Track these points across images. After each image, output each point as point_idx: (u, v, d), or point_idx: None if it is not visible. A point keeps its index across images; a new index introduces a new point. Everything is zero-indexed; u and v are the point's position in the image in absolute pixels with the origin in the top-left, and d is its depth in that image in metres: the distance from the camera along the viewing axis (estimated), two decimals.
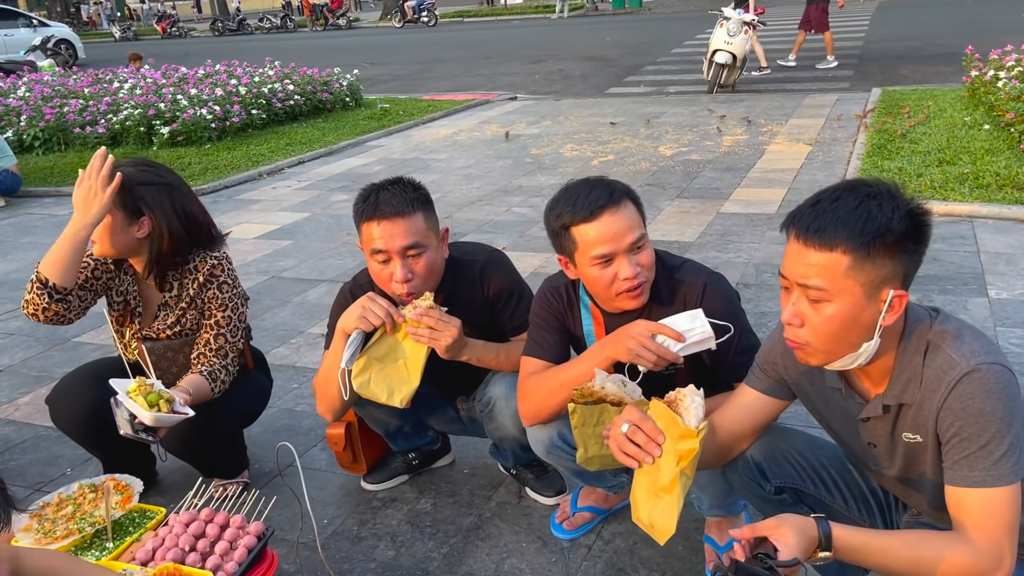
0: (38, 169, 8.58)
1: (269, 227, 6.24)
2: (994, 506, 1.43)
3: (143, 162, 2.47)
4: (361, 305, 2.15)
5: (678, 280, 2.05)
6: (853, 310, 1.45)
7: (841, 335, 1.48)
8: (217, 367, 2.50)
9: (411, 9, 30.57)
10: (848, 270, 1.42)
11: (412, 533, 2.54)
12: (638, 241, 1.93)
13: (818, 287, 1.45)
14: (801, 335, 1.51)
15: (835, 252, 1.42)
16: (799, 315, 1.50)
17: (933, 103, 8.44)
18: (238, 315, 2.56)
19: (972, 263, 4.39)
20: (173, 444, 2.50)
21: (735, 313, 2.03)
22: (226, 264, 2.56)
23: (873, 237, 1.41)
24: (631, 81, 12.84)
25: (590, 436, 1.91)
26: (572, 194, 1.96)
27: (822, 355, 1.53)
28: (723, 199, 6.04)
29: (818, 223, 1.44)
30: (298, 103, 10.74)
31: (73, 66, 17.65)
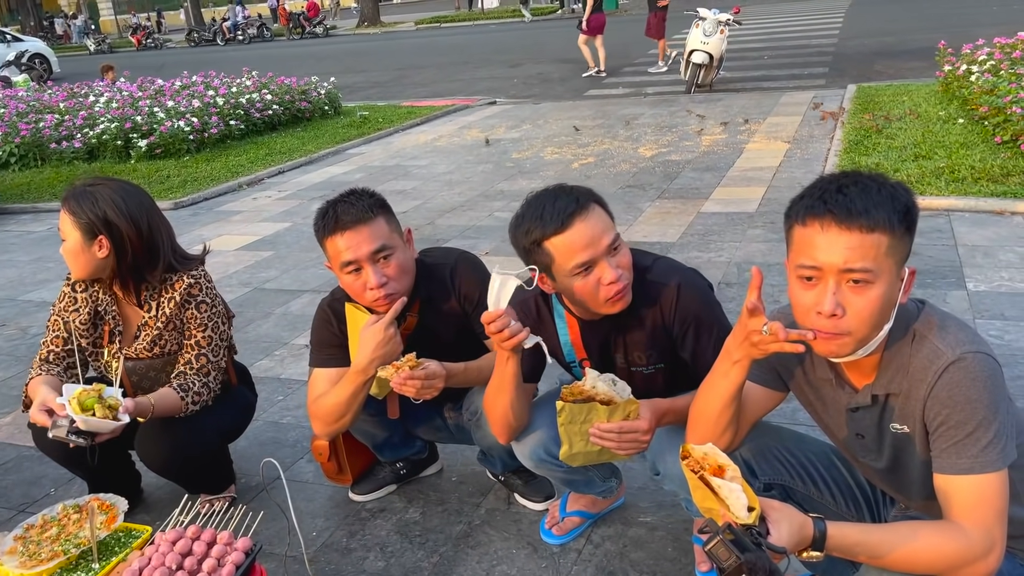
0: (14, 186, 8.50)
1: (250, 238, 6.21)
2: (983, 492, 1.46)
3: (100, 181, 2.42)
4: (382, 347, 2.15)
5: (651, 282, 2.02)
6: (890, 289, 1.47)
7: (880, 317, 1.48)
8: (193, 382, 2.46)
9: (227, 29, 31.97)
10: (888, 249, 1.44)
11: (402, 543, 2.53)
12: (614, 242, 1.91)
13: (865, 269, 1.43)
14: (843, 324, 1.47)
15: (876, 232, 1.42)
16: (841, 304, 1.45)
17: (908, 98, 8.52)
18: (219, 334, 2.53)
19: (950, 256, 4.43)
20: (153, 462, 2.49)
21: (712, 308, 2.04)
22: (204, 283, 2.51)
23: (903, 215, 1.44)
24: (610, 83, 12.88)
25: (576, 433, 1.90)
26: (537, 207, 1.91)
27: (859, 342, 1.50)
28: (703, 199, 6.07)
29: (859, 205, 1.43)
30: (276, 112, 10.69)
31: (48, 80, 17.54)
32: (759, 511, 1.43)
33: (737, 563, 1.35)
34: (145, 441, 2.46)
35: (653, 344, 2.06)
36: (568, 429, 1.92)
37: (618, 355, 2.10)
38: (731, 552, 1.36)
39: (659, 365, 2.09)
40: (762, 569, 1.35)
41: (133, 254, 2.41)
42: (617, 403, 1.88)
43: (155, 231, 2.43)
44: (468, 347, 2.36)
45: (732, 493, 1.43)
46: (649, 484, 2.69)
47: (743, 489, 1.43)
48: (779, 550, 1.40)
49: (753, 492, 1.44)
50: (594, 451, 1.95)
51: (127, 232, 2.38)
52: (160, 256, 2.45)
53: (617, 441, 1.87)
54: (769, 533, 1.42)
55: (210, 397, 2.50)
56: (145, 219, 2.41)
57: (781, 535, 1.42)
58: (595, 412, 1.88)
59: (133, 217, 2.38)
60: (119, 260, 2.41)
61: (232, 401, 2.66)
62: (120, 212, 2.37)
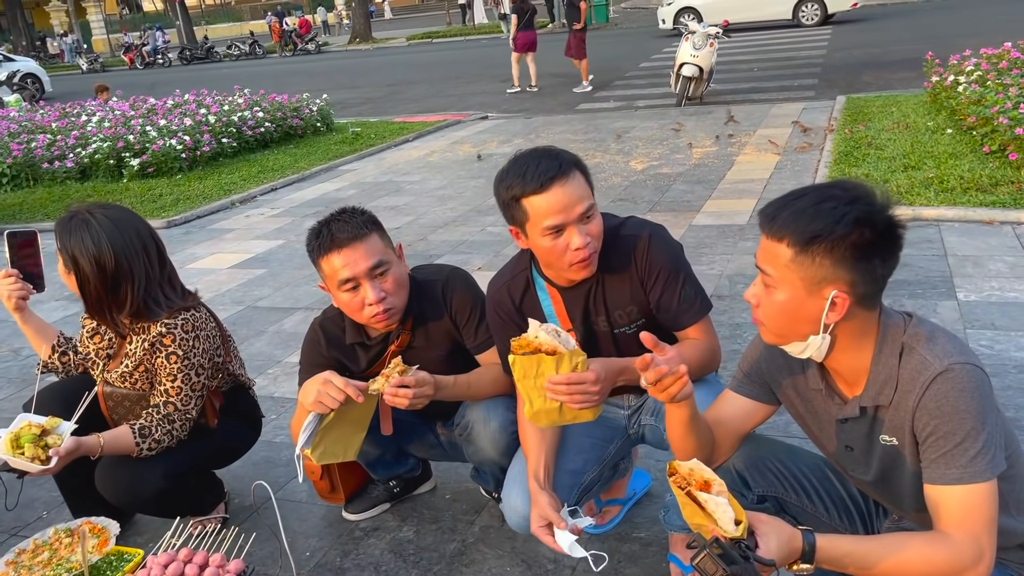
0: (7, 206, 8.48)
1: (243, 256, 6.21)
2: (972, 502, 1.47)
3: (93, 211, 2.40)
4: (317, 388, 2.06)
5: (623, 236, 2.11)
6: (793, 301, 1.53)
7: (786, 322, 1.57)
8: (155, 428, 2.41)
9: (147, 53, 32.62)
10: (789, 262, 1.51)
11: (395, 562, 2.52)
12: (588, 211, 1.97)
13: (766, 272, 1.56)
14: (757, 314, 1.62)
15: (782, 243, 1.51)
16: (755, 295, 1.61)
17: (897, 109, 8.58)
18: (190, 385, 2.45)
19: (940, 266, 4.45)
20: (109, 496, 2.46)
21: (678, 261, 2.12)
22: (180, 333, 2.42)
23: (813, 236, 1.48)
24: (600, 96, 12.94)
25: (532, 388, 1.90)
26: (521, 166, 1.98)
27: (774, 336, 1.63)
28: (694, 211, 6.10)
29: (775, 215, 1.53)
30: (268, 130, 10.72)
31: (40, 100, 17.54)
32: (746, 524, 1.44)
33: (723, 575, 1.36)
34: (99, 477, 2.44)
35: (632, 298, 2.11)
36: (524, 384, 1.91)
37: (600, 319, 2.14)
38: (718, 565, 1.37)
39: (640, 321, 2.14)
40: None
41: (96, 295, 2.38)
42: (562, 353, 1.87)
43: (123, 276, 2.36)
44: (460, 363, 2.36)
45: (719, 507, 1.44)
46: (644, 500, 2.69)
47: (729, 502, 1.44)
48: (768, 563, 1.41)
49: (740, 506, 1.45)
50: (554, 407, 1.93)
51: (89, 274, 2.34)
52: (126, 301, 2.39)
53: (568, 393, 1.86)
54: (758, 546, 1.43)
55: (172, 443, 2.45)
56: (114, 263, 2.34)
57: (770, 548, 1.43)
58: (544, 364, 1.88)
59: (99, 261, 2.33)
60: (83, 296, 2.40)
61: (200, 445, 2.57)
62: (86, 253, 2.32)
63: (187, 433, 2.50)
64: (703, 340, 2.12)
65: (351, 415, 2.17)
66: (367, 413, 2.22)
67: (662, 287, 2.09)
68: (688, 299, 2.10)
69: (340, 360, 2.39)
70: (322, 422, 2.11)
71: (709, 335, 2.15)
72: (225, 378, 2.67)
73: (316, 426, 2.11)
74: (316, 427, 2.11)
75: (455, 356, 2.38)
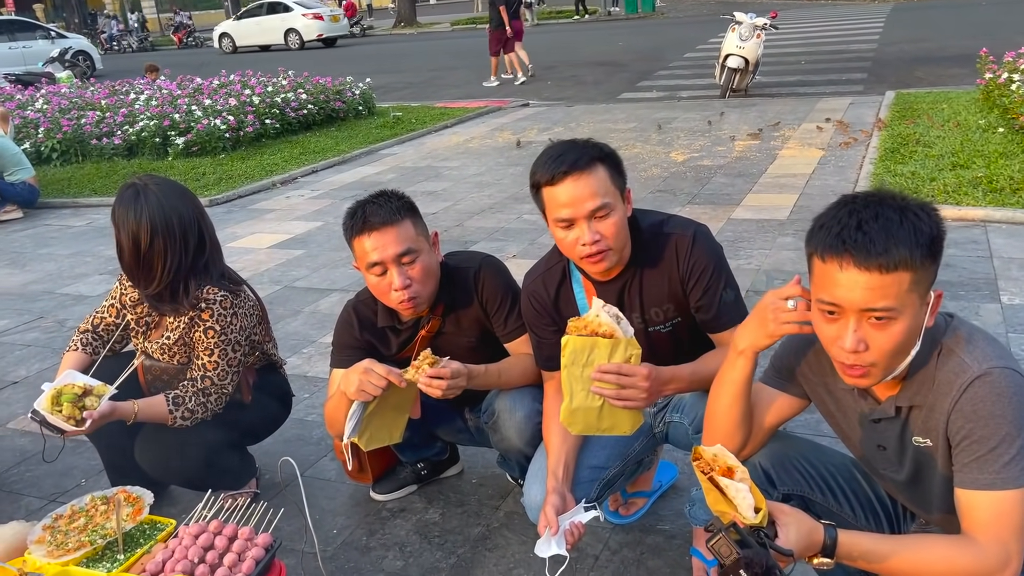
0: (55, 181, 8.69)
1: (282, 236, 6.28)
2: (1004, 508, 1.44)
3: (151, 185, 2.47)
4: (359, 377, 2.08)
5: (666, 234, 2.10)
6: (915, 321, 1.45)
7: (905, 348, 1.48)
8: (189, 399, 2.48)
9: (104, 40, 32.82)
10: (910, 286, 1.41)
11: (420, 543, 2.55)
12: (600, 209, 1.94)
13: (887, 308, 1.41)
14: (867, 358, 1.47)
15: (898, 271, 1.39)
16: (863, 340, 1.45)
17: (947, 106, 8.38)
18: (226, 360, 2.52)
19: (985, 268, 4.36)
20: (145, 467, 2.54)
21: (721, 263, 2.10)
22: (217, 310, 2.48)
23: (927, 248, 1.41)
24: (643, 86, 12.83)
25: (577, 380, 1.90)
26: (548, 155, 1.99)
27: (885, 371, 1.50)
28: (734, 205, 6.03)
29: (878, 246, 1.39)
30: (311, 112, 10.81)
31: (90, 78, 17.86)
32: (766, 512, 1.44)
33: (736, 558, 1.36)
34: (139, 446, 2.53)
35: (670, 296, 2.11)
36: (570, 373, 1.90)
37: (634, 315, 2.14)
38: (732, 549, 1.38)
39: (676, 320, 2.14)
40: (759, 564, 1.36)
41: (128, 266, 2.46)
42: (619, 339, 1.87)
43: (156, 256, 2.42)
44: (489, 350, 2.38)
45: (739, 493, 1.45)
46: (669, 492, 2.69)
47: (750, 490, 1.44)
48: (786, 552, 1.41)
49: (761, 494, 1.45)
50: (594, 408, 1.92)
51: (125, 246, 2.43)
52: (154, 280, 2.44)
53: (615, 384, 1.86)
54: (777, 536, 1.43)
55: (207, 415, 2.52)
56: (149, 242, 2.40)
57: (789, 538, 1.43)
58: (597, 351, 1.87)
59: (136, 237, 2.40)
60: (120, 261, 2.48)
61: (236, 419, 2.63)
62: (126, 226, 2.41)
63: (222, 407, 2.56)
64: None
65: (392, 400, 2.20)
66: (408, 398, 2.25)
67: (704, 287, 2.07)
68: (728, 302, 2.09)
69: (372, 343, 2.42)
70: (366, 410, 2.15)
71: None
72: (260, 356, 2.73)
73: (361, 414, 2.15)
74: (361, 415, 2.15)
75: (484, 343, 2.39)
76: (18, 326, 4.81)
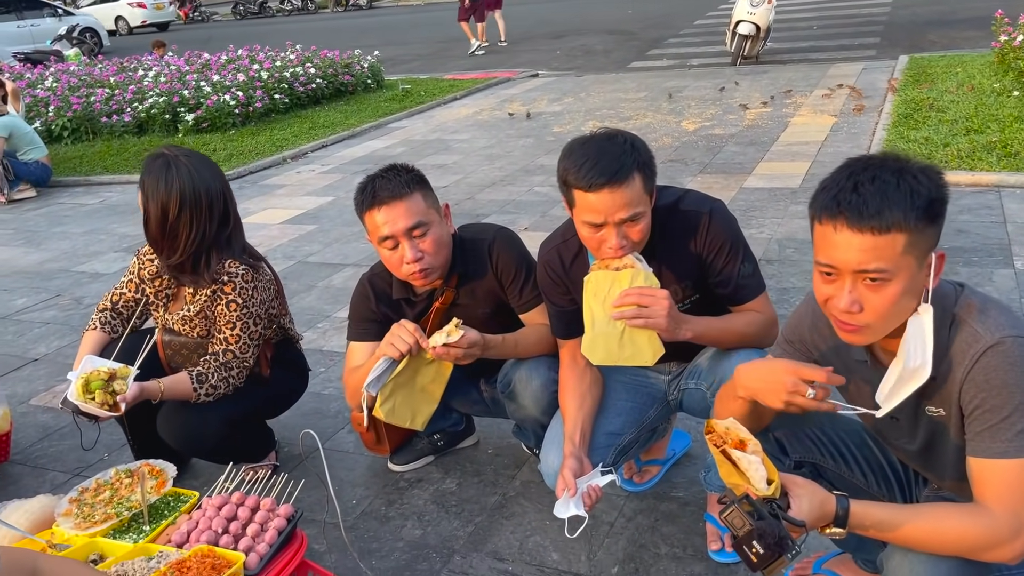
0: (67, 159, 8.72)
1: (294, 212, 6.31)
2: (1015, 477, 1.45)
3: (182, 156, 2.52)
4: (390, 331, 2.18)
5: (682, 211, 2.10)
6: (910, 283, 1.46)
7: (901, 309, 1.49)
8: (211, 374, 2.52)
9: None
10: (906, 247, 1.42)
11: (438, 512, 2.59)
12: (631, 218, 1.94)
13: (880, 269, 1.43)
14: (861, 319, 1.49)
15: (891, 233, 1.41)
16: (858, 301, 1.47)
17: (961, 69, 8.28)
18: (248, 334, 2.56)
19: (998, 234, 4.33)
20: (170, 441, 2.59)
21: (738, 236, 2.11)
22: (239, 283, 2.53)
23: (923, 211, 1.41)
24: (653, 55, 12.71)
25: (599, 308, 1.93)
26: (582, 156, 1.93)
27: (879, 333, 1.53)
28: (746, 174, 6.01)
29: (871, 207, 1.40)
30: (320, 86, 10.78)
31: (98, 55, 17.82)
32: (778, 483, 1.46)
33: (749, 529, 1.38)
34: (161, 421, 2.57)
35: (688, 273, 2.12)
36: (591, 304, 1.94)
37: None
38: (745, 520, 1.40)
39: (694, 297, 2.15)
40: (771, 535, 1.39)
41: (153, 235, 2.51)
42: (640, 270, 1.92)
43: (182, 227, 2.47)
44: (503, 321, 2.40)
45: (751, 465, 1.46)
46: (683, 460, 2.72)
47: (763, 462, 1.46)
48: (799, 523, 1.43)
49: (773, 466, 1.47)
50: (615, 335, 1.95)
51: (152, 215, 2.48)
52: (178, 250, 2.49)
53: (637, 303, 1.89)
54: (789, 507, 1.45)
55: (229, 389, 2.56)
56: (176, 213, 2.45)
57: (801, 509, 1.45)
58: (619, 282, 1.91)
59: (164, 207, 2.46)
60: (145, 230, 2.52)
61: (255, 392, 2.68)
62: (155, 195, 2.46)
63: (243, 381, 2.60)
64: (763, 314, 2.14)
65: (423, 381, 2.24)
66: (439, 386, 2.30)
67: (723, 262, 2.09)
68: (747, 274, 2.11)
69: (388, 315, 2.45)
70: (393, 371, 2.18)
71: (769, 308, 2.16)
72: (277, 330, 2.77)
73: (385, 370, 2.19)
74: (385, 371, 2.18)
75: (499, 314, 2.41)
76: (36, 304, 4.87)
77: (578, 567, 2.29)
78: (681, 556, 2.28)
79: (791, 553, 1.40)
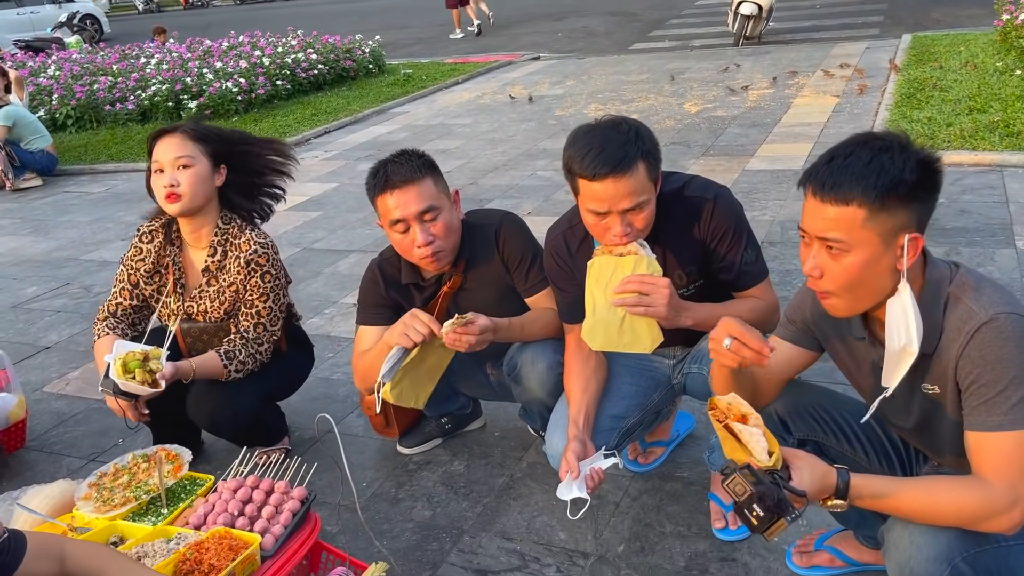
0: (72, 147, 8.75)
1: (298, 199, 6.33)
2: (1011, 449, 1.49)
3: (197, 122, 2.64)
4: (404, 322, 2.21)
5: (687, 197, 2.13)
6: (871, 258, 1.52)
7: (861, 283, 1.55)
8: (240, 351, 2.58)
9: None
10: (865, 222, 1.49)
11: (447, 494, 2.65)
12: (635, 207, 1.96)
13: (837, 239, 1.52)
14: (822, 285, 1.59)
15: (851, 206, 1.49)
16: (819, 267, 1.57)
17: (964, 48, 8.26)
18: (279, 305, 2.65)
19: (1000, 213, 4.35)
20: (200, 421, 2.66)
21: (742, 222, 2.14)
22: (271, 253, 2.63)
23: (887, 189, 1.47)
24: (655, 36, 12.67)
25: (601, 295, 1.97)
26: (586, 145, 1.94)
27: (847, 304, 1.60)
28: (748, 156, 6.02)
29: (833, 179, 1.50)
30: (322, 72, 10.78)
31: (99, 41, 17.80)
32: (779, 455, 1.51)
33: (750, 494, 1.43)
34: (192, 401, 2.62)
35: (692, 259, 2.16)
36: (594, 289, 1.98)
37: None
38: (746, 486, 1.45)
39: (698, 283, 2.19)
40: (771, 498, 1.43)
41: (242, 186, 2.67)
42: (643, 256, 1.95)
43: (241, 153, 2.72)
44: (510, 305, 2.44)
45: (753, 437, 1.52)
46: (687, 441, 2.76)
47: (764, 434, 1.51)
48: (799, 493, 1.47)
49: (774, 439, 1.52)
50: (615, 322, 1.98)
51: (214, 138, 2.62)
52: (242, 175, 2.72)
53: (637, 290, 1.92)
54: (791, 478, 1.50)
55: (256, 365, 2.63)
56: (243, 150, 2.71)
57: (803, 480, 1.50)
58: (621, 269, 1.95)
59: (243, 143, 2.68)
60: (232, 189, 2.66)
61: (278, 368, 2.76)
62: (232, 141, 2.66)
63: (270, 356, 2.67)
64: (766, 299, 2.18)
65: (428, 362, 2.28)
66: (440, 366, 2.34)
67: (726, 248, 2.12)
68: (751, 261, 2.14)
69: (397, 300, 2.49)
70: (405, 359, 2.23)
71: (771, 294, 2.20)
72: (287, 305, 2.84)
73: (398, 360, 2.23)
74: (398, 361, 2.23)
75: (506, 298, 2.45)
76: (46, 293, 4.92)
77: (585, 546, 2.34)
78: (686, 534, 2.33)
79: (790, 516, 1.44)
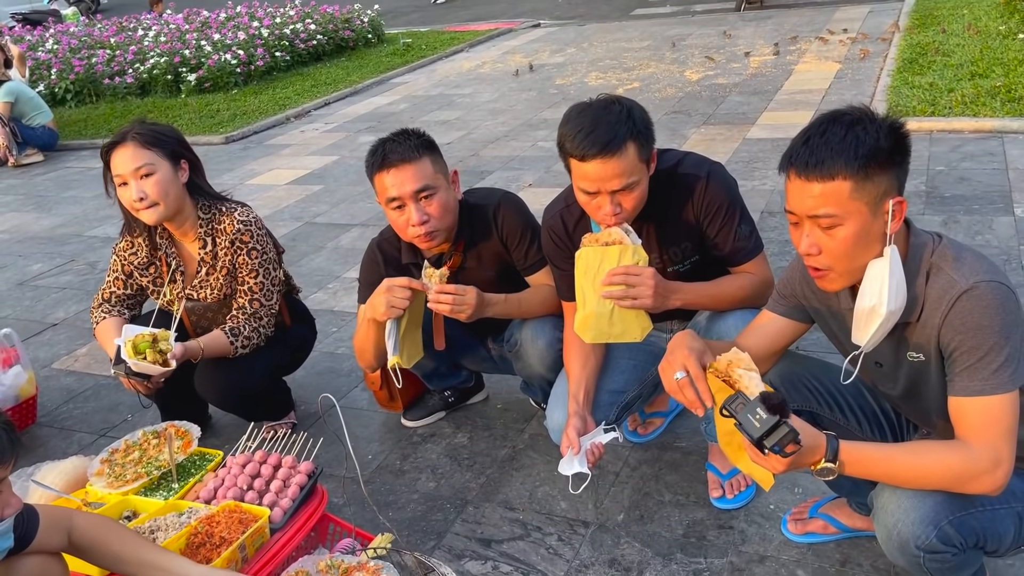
0: (72, 122, 8.74)
1: (300, 172, 6.35)
2: (993, 413, 1.54)
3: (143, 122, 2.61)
4: (385, 297, 2.20)
5: (681, 174, 2.16)
6: (863, 227, 1.57)
7: (857, 252, 1.60)
8: (244, 327, 2.62)
9: None
10: (852, 193, 1.54)
11: (451, 465, 2.70)
12: (624, 187, 1.98)
13: (828, 215, 1.56)
14: (821, 261, 1.62)
15: (836, 180, 1.54)
16: (815, 244, 1.61)
17: (968, 11, 8.18)
18: (271, 279, 2.67)
19: (1000, 181, 4.36)
20: (210, 397, 2.72)
21: (735, 198, 2.17)
22: (255, 229, 2.64)
23: (867, 159, 1.53)
24: (656, 1, 12.54)
25: (589, 286, 2.01)
26: (577, 125, 1.97)
27: (845, 276, 1.64)
28: (749, 124, 6.01)
29: (815, 157, 1.55)
30: (321, 43, 10.72)
31: (96, 13, 17.65)
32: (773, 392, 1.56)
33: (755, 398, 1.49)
34: (202, 379, 2.67)
35: (687, 235, 2.19)
36: (583, 282, 2.02)
37: (652, 255, 2.20)
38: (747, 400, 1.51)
39: (693, 259, 2.22)
40: (775, 398, 1.49)
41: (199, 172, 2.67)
42: (628, 245, 1.99)
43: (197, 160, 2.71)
44: (510, 284, 2.47)
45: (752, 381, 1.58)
46: (685, 412, 2.81)
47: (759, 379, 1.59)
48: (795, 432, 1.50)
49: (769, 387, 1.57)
50: (605, 314, 2.02)
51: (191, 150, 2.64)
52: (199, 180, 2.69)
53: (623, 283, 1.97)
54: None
55: (261, 340, 2.67)
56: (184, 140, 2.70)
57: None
58: (608, 259, 1.99)
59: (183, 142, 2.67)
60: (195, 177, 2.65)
61: (283, 342, 2.81)
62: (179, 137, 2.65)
63: (273, 329, 2.71)
64: (759, 275, 2.20)
65: (412, 317, 2.32)
66: (419, 310, 2.36)
67: (720, 224, 2.15)
68: (744, 236, 2.16)
69: None
70: (400, 327, 2.27)
71: (765, 269, 2.23)
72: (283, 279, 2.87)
73: (397, 332, 2.27)
74: (397, 333, 2.27)
75: (505, 277, 2.48)
76: (51, 269, 4.96)
77: (585, 515, 2.40)
78: (684, 503, 2.39)
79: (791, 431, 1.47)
